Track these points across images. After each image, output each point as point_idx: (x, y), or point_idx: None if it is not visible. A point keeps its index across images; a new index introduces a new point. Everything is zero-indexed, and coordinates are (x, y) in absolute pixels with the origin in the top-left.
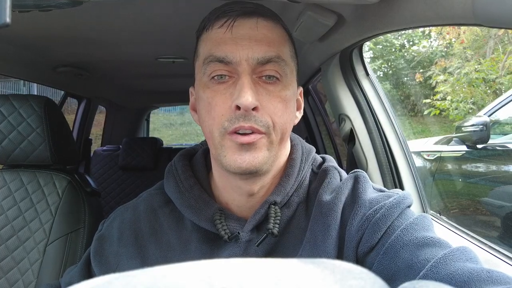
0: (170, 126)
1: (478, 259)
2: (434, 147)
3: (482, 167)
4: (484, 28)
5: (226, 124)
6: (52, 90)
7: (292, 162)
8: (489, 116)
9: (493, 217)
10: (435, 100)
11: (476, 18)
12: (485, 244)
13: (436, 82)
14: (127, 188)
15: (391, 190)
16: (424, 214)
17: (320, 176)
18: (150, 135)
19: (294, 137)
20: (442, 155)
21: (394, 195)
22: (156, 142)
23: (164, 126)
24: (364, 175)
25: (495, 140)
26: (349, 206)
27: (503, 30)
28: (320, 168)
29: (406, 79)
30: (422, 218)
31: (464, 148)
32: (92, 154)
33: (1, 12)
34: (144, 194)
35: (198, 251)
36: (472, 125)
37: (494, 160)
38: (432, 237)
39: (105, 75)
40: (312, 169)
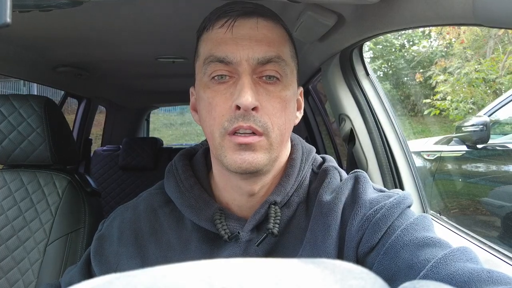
0: (170, 126)
1: (478, 259)
2: (434, 147)
3: (482, 167)
4: (484, 28)
5: (226, 124)
6: (52, 90)
7: (292, 162)
8: (489, 116)
9: (493, 217)
10: (435, 100)
11: (476, 18)
12: (485, 244)
13: (436, 82)
14: (127, 188)
15: (391, 190)
16: (424, 214)
17: (320, 176)
18: (150, 135)
19: (294, 137)
20: (442, 155)
21: (394, 195)
22: (156, 142)
23: (164, 126)
24: (364, 175)
25: (495, 140)
26: (349, 206)
27: (503, 30)
28: (320, 168)
29: (406, 79)
30: (422, 218)
31: (464, 148)
32: (92, 154)
33: (1, 12)
34: (144, 194)
35: (198, 251)
36: (472, 125)
37: (494, 160)
38: (432, 237)
39: (105, 75)
40: (312, 169)
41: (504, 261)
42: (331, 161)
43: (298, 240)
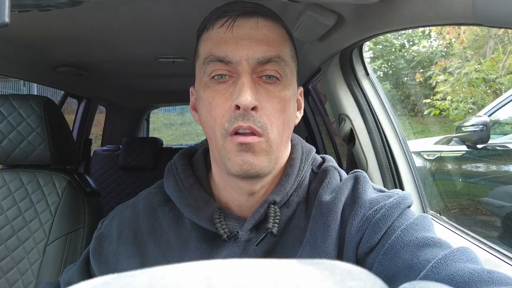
0: (170, 126)
1: (478, 259)
2: (434, 147)
3: (482, 167)
4: (484, 28)
5: (227, 124)
6: (52, 90)
7: (292, 162)
8: (489, 116)
9: (493, 217)
10: (435, 100)
11: (476, 17)
12: (485, 244)
13: (436, 82)
14: (127, 188)
15: (391, 190)
16: (424, 214)
17: (320, 176)
18: (150, 135)
19: (294, 137)
20: (442, 155)
21: (394, 195)
22: (156, 142)
23: (164, 126)
24: (364, 175)
25: (495, 140)
26: (349, 206)
27: (503, 30)
28: (320, 168)
29: (406, 79)
30: (422, 218)
31: (464, 148)
32: (92, 154)
33: (0, 12)
34: (143, 193)
35: (197, 250)
36: (472, 125)
37: (494, 160)
38: (432, 237)
39: (105, 75)
40: (312, 169)
41: (505, 261)
42: (331, 161)
43: (297, 240)
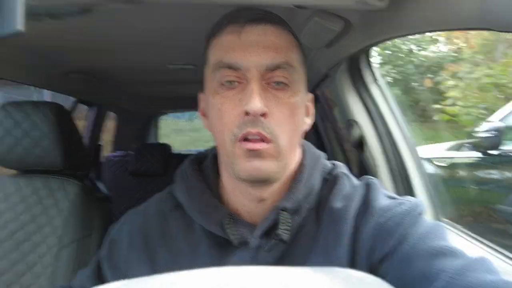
0: (179, 132)
1: (497, 270)
2: (445, 153)
3: (495, 173)
4: (494, 32)
5: (236, 131)
6: (63, 96)
7: (302, 168)
8: (501, 121)
9: (509, 225)
10: (446, 105)
11: (485, 22)
12: (503, 254)
13: (446, 87)
14: (137, 193)
15: (403, 197)
16: (438, 222)
17: (331, 183)
18: (160, 141)
19: (303, 143)
20: (453, 161)
21: (406, 202)
22: (166, 148)
23: (174, 132)
24: (376, 182)
25: (509, 146)
26: (361, 213)
27: None
28: (330, 174)
29: (415, 84)
30: (436, 226)
31: (476, 154)
32: (102, 160)
33: (14, 20)
34: (153, 199)
35: (207, 256)
36: (484, 130)
37: (507, 166)
38: (447, 246)
39: (115, 82)
40: (322, 175)
41: None
42: (341, 167)
43: (308, 248)
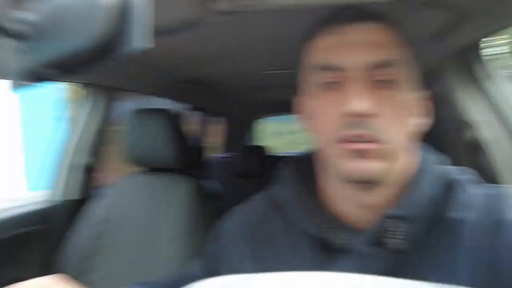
0: (278, 135)
1: None
2: None
3: None
4: None
5: (337, 132)
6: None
7: (413, 173)
8: None
9: None
10: None
11: None
12: None
13: None
14: (241, 193)
15: None
16: None
17: (447, 190)
18: (259, 144)
19: (416, 146)
20: None
21: None
22: (265, 150)
23: (272, 135)
24: (503, 191)
25: None
26: (485, 226)
27: None
28: (447, 181)
29: None
30: None
31: None
32: (210, 161)
33: (144, 36)
34: (254, 199)
35: (308, 259)
36: None
37: None
38: None
39: (223, 90)
40: (441, 181)
41: None
42: (460, 173)
43: (419, 260)
